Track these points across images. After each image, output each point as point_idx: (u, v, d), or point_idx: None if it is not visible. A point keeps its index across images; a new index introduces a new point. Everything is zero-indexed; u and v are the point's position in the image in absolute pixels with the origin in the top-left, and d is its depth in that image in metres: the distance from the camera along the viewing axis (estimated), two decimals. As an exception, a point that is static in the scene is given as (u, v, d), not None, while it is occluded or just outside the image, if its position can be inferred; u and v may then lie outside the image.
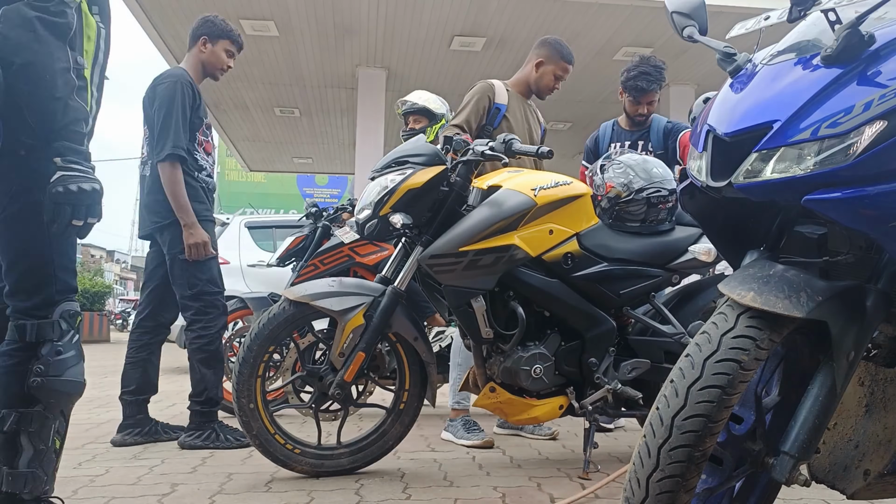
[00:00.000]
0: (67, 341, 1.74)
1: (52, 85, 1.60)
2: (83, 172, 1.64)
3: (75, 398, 1.79)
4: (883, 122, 1.05)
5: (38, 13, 1.59)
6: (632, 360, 2.48)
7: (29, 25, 1.58)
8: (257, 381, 2.39)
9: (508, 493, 2.26)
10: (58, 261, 1.76)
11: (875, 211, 1.06)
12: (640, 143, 3.59)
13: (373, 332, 2.41)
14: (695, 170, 1.29)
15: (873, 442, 1.36)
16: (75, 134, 1.64)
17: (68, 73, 1.63)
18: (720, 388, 1.07)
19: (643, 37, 7.94)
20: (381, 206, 2.42)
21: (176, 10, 7.44)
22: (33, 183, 1.68)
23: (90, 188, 1.63)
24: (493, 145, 2.47)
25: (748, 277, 1.16)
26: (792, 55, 1.23)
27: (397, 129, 11.67)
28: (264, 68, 9.08)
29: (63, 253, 1.78)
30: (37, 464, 1.71)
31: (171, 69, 3.21)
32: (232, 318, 3.99)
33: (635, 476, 1.11)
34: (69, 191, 1.60)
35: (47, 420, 1.72)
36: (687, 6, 1.46)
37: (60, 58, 1.62)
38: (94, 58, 1.80)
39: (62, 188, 1.60)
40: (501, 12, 7.47)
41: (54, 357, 1.71)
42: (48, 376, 1.70)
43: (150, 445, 3.06)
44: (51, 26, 1.60)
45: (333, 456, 2.49)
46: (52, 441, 1.74)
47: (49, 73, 1.59)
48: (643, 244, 2.55)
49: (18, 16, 1.58)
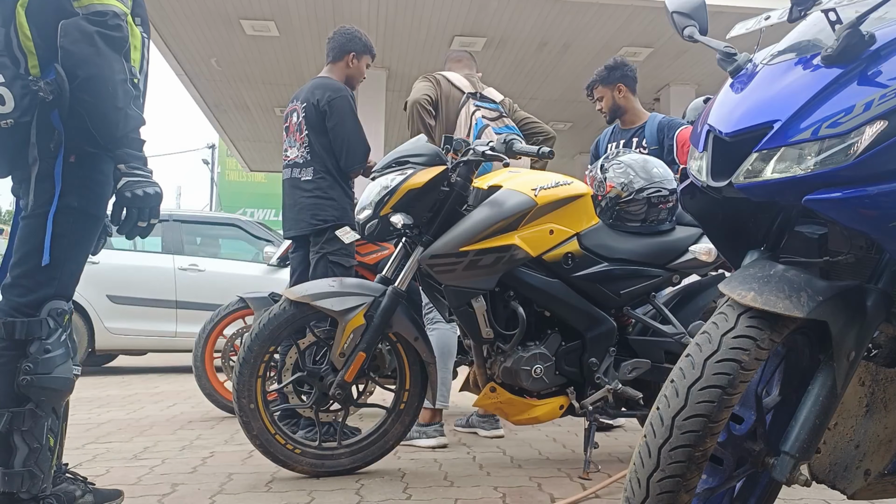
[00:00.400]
0: (55, 339, 1.77)
1: (114, 96, 1.71)
2: (145, 177, 1.77)
3: (65, 395, 1.81)
4: (883, 122, 1.05)
5: (97, 28, 1.69)
6: (632, 360, 2.48)
7: (90, 40, 1.68)
8: (258, 381, 2.39)
9: (509, 493, 2.26)
10: (68, 267, 1.81)
11: (875, 211, 1.06)
12: (634, 141, 3.60)
13: (373, 332, 2.41)
14: (695, 170, 1.29)
15: (874, 442, 1.36)
16: (135, 141, 1.77)
17: (126, 84, 1.75)
18: (721, 388, 1.07)
19: (643, 37, 7.94)
20: (381, 206, 2.42)
21: (176, 10, 7.45)
22: (74, 189, 1.78)
23: (153, 192, 1.77)
24: (493, 145, 2.47)
25: (748, 277, 1.16)
26: (792, 55, 1.22)
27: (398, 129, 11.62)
28: (265, 68, 9.08)
29: (77, 261, 1.84)
30: (32, 462, 1.73)
31: (331, 82, 3.31)
32: (233, 317, 4.00)
33: (636, 476, 1.11)
34: (136, 195, 1.73)
35: (40, 418, 1.75)
36: (687, 6, 1.46)
37: (119, 70, 1.73)
38: (140, 67, 1.90)
39: (130, 193, 1.73)
40: (502, 12, 7.47)
41: (43, 355, 1.74)
42: (37, 374, 1.73)
43: (151, 446, 3.07)
44: (109, 40, 1.71)
45: (334, 456, 2.49)
46: (45, 439, 1.76)
47: (111, 85, 1.70)
48: (643, 244, 2.55)
49: (79, 31, 1.68)
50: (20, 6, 1.71)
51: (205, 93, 10.11)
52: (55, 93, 1.70)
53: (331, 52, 3.41)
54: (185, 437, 3.31)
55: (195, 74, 9.37)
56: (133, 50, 1.84)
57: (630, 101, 3.63)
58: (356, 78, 3.43)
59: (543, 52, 8.47)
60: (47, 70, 1.72)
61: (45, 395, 1.74)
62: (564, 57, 8.61)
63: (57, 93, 1.70)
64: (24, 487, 1.72)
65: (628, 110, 3.64)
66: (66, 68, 1.68)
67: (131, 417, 3.94)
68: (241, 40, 8.22)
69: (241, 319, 4.09)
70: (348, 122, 3.19)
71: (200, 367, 3.88)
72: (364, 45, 3.41)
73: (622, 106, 3.62)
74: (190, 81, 9.58)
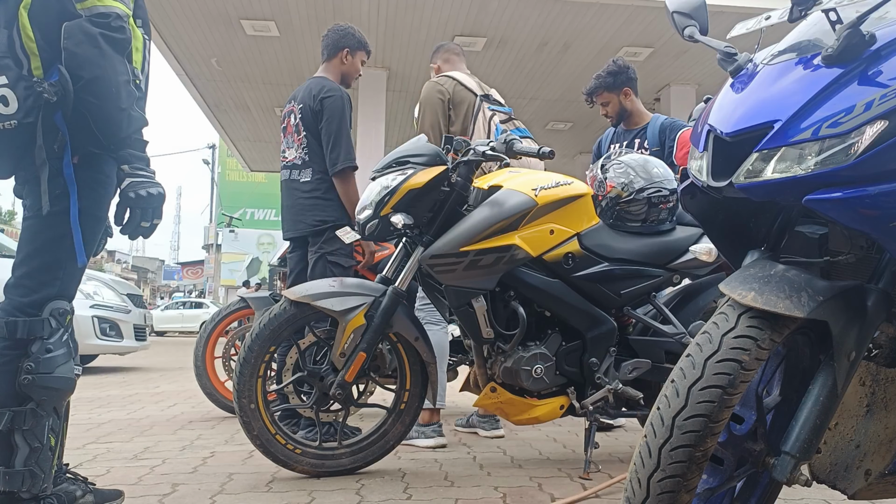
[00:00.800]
0: (57, 339, 1.78)
1: (118, 97, 1.72)
2: (148, 178, 1.77)
3: (66, 395, 1.82)
4: (884, 122, 1.05)
5: (101, 30, 1.70)
6: (632, 360, 2.48)
7: (94, 42, 1.69)
8: (258, 382, 2.39)
9: (509, 494, 2.26)
10: (69, 267, 1.82)
11: (876, 211, 1.06)
12: (636, 142, 3.61)
13: (374, 332, 2.41)
14: (695, 170, 1.29)
15: (874, 442, 1.36)
16: (137, 142, 1.78)
17: (129, 86, 1.76)
18: (721, 388, 1.06)
19: (643, 37, 7.95)
20: (382, 206, 2.42)
21: (177, 10, 7.45)
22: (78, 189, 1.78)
23: (156, 192, 1.78)
24: (493, 145, 2.47)
25: (749, 277, 1.16)
26: (793, 55, 1.22)
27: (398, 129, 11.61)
28: (265, 68, 9.08)
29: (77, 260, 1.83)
30: (33, 462, 1.74)
31: (325, 81, 3.28)
32: (233, 317, 4.00)
33: (636, 476, 1.11)
34: (139, 196, 1.74)
35: (41, 418, 1.75)
36: (688, 6, 1.46)
37: (122, 71, 1.74)
38: (142, 68, 1.91)
39: (134, 194, 1.74)
40: (502, 12, 7.47)
41: (44, 354, 1.75)
42: (38, 373, 1.74)
43: (152, 446, 3.07)
44: (112, 42, 1.72)
45: (334, 456, 2.49)
46: (46, 439, 1.76)
47: (114, 87, 1.71)
48: (644, 244, 2.55)
49: (82, 32, 1.69)
50: (23, 8, 1.71)
51: (205, 93, 10.12)
52: (59, 94, 1.70)
53: (325, 50, 3.39)
54: (186, 437, 3.31)
55: (196, 74, 9.38)
56: (135, 52, 1.85)
57: (635, 103, 3.65)
58: (351, 75, 3.40)
59: (544, 52, 8.47)
60: (50, 71, 1.72)
61: (47, 394, 1.75)
62: (565, 57, 8.61)
63: (61, 94, 1.70)
64: (25, 487, 1.73)
65: (633, 113, 3.65)
66: (69, 70, 1.69)
67: (132, 417, 3.95)
68: (242, 40, 8.23)
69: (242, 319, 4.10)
70: (334, 123, 3.15)
71: (201, 366, 3.88)
72: (358, 41, 3.39)
73: (628, 109, 3.63)
74: (190, 81, 9.59)
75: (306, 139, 3.22)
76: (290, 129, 3.33)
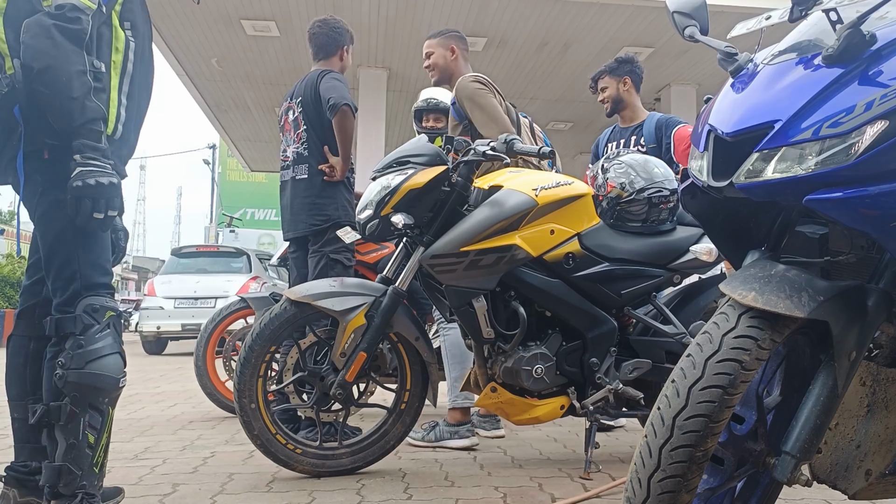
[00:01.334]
0: (91, 335, 1.78)
1: (69, 86, 1.71)
2: (100, 167, 1.74)
3: (105, 393, 1.80)
4: (884, 122, 1.05)
5: (55, 21, 1.71)
6: (633, 360, 2.48)
7: (47, 33, 1.70)
8: (259, 381, 2.39)
9: (510, 494, 2.26)
10: (83, 257, 1.82)
11: (876, 211, 1.06)
12: (633, 139, 3.61)
13: (374, 332, 2.42)
14: (696, 169, 1.29)
15: (875, 442, 1.36)
16: (92, 132, 1.75)
17: (84, 76, 1.74)
18: (721, 388, 1.06)
19: (644, 37, 7.95)
20: (382, 206, 2.42)
21: (177, 10, 7.45)
22: (56, 183, 1.78)
23: (107, 181, 1.74)
24: (494, 145, 2.47)
25: (749, 277, 1.16)
26: (793, 55, 1.22)
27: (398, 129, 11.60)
28: (265, 68, 9.08)
29: (88, 249, 1.84)
30: (70, 458, 1.75)
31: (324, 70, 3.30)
32: (234, 317, 4.00)
33: (637, 476, 1.11)
34: (87, 185, 1.71)
35: (75, 414, 1.75)
36: (688, 6, 1.46)
37: (76, 61, 1.73)
38: (123, 67, 1.91)
39: (80, 182, 1.71)
40: (502, 12, 7.47)
41: (76, 350, 1.76)
42: (69, 369, 1.75)
43: (152, 446, 3.07)
44: (66, 32, 1.72)
45: (335, 456, 2.50)
46: (82, 436, 1.76)
47: (65, 76, 1.70)
48: (644, 244, 2.55)
49: (38, 25, 1.71)
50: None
51: (206, 93, 10.12)
52: (10, 86, 1.74)
53: (320, 48, 3.36)
54: (186, 437, 3.31)
55: (196, 74, 9.38)
56: (114, 51, 1.87)
57: (632, 96, 3.66)
58: (346, 68, 3.45)
59: (544, 52, 8.47)
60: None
61: (78, 390, 1.75)
62: (565, 57, 8.61)
63: (11, 86, 1.74)
64: (62, 482, 1.74)
65: (629, 106, 3.66)
66: (24, 62, 1.71)
67: (132, 417, 3.95)
68: (242, 40, 8.23)
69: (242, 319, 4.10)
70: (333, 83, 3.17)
71: (202, 366, 3.88)
72: (351, 34, 3.44)
73: (624, 100, 3.64)
74: (191, 81, 9.59)
75: (306, 133, 3.21)
76: (287, 126, 3.33)
